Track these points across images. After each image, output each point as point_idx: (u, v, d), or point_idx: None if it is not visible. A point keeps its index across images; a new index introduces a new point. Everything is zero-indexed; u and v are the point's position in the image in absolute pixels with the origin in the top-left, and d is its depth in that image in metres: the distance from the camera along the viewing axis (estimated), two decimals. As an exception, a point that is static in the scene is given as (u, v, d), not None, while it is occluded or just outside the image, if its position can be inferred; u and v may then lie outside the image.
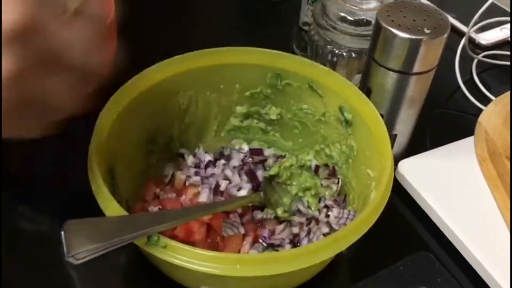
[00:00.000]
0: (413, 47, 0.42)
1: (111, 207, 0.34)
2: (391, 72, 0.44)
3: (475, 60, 0.65)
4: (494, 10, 0.72)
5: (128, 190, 0.43)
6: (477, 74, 0.64)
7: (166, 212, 0.40)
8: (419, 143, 0.53)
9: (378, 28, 0.43)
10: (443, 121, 0.59)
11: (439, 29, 0.42)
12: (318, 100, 0.46)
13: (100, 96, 0.37)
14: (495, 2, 0.71)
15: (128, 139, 0.44)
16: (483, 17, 0.69)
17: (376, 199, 0.36)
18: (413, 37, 0.41)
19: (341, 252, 0.42)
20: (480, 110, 0.54)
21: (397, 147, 0.50)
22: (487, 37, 0.68)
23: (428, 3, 0.44)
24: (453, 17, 0.71)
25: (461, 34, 0.65)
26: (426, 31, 0.41)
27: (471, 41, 0.68)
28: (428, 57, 0.43)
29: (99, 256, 0.30)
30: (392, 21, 0.42)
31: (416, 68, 0.43)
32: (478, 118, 0.53)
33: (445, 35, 0.42)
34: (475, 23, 0.67)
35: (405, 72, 0.44)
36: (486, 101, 0.58)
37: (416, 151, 0.51)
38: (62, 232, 0.28)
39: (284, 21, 0.63)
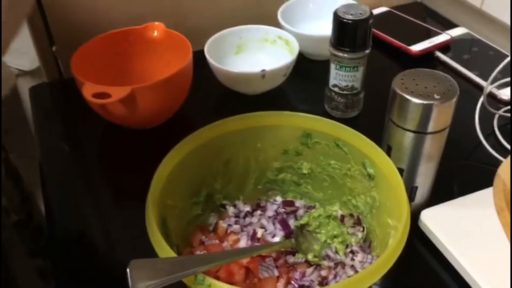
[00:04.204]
0: (426, 111, 0.48)
1: (164, 251, 0.40)
2: (408, 132, 0.50)
3: (497, 115, 0.69)
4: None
5: (178, 237, 0.49)
6: (499, 128, 0.68)
7: (210, 254, 0.46)
8: (443, 194, 0.57)
9: (394, 94, 0.49)
10: (466, 173, 0.63)
11: (448, 95, 0.47)
12: (344, 156, 0.52)
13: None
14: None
15: (177, 193, 0.50)
16: (505, 74, 0.74)
17: (392, 245, 0.41)
18: (425, 102, 0.47)
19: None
20: (501, 162, 0.58)
21: (419, 198, 0.55)
22: (508, 93, 0.73)
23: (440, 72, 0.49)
24: (476, 75, 0.77)
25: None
26: (436, 96, 0.47)
27: (494, 97, 0.73)
28: (440, 119, 0.48)
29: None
30: (406, 88, 0.48)
31: (431, 128, 0.49)
32: (497, 170, 0.57)
33: (454, 99, 0.48)
34: (495, 80, 0.72)
35: (420, 132, 0.49)
36: (507, 153, 0.62)
37: (441, 202, 0.56)
38: (128, 269, 0.35)
39: (322, 79, 0.70)
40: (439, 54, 0.82)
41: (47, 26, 0.75)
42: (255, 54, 0.78)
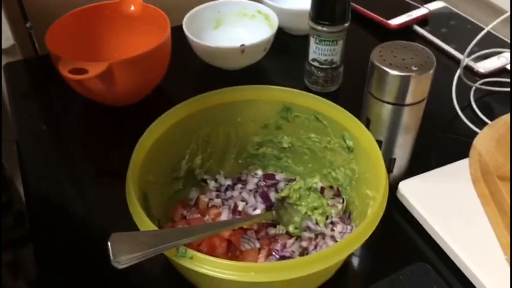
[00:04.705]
0: (403, 83, 0.48)
1: (145, 225, 0.40)
2: (386, 104, 0.50)
3: (473, 88, 0.70)
4: (492, 40, 0.78)
5: (160, 212, 0.50)
6: (475, 100, 0.69)
7: (192, 227, 0.46)
8: (421, 165, 0.58)
9: (372, 66, 0.49)
10: (443, 145, 0.64)
11: (425, 66, 0.48)
12: (323, 129, 0.53)
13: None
14: (492, 31, 0.77)
15: (158, 168, 0.50)
16: (482, 47, 0.75)
17: (371, 215, 0.42)
18: (403, 74, 0.47)
19: (348, 263, 0.48)
20: (477, 134, 0.59)
21: (397, 170, 0.56)
22: (485, 66, 0.74)
23: (417, 44, 0.50)
24: (454, 48, 0.77)
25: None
26: (414, 68, 0.47)
27: (470, 69, 0.74)
28: (417, 90, 0.49)
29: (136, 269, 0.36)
30: (384, 60, 0.48)
31: (408, 100, 0.49)
32: (473, 142, 0.58)
33: (431, 71, 0.48)
34: (472, 53, 0.73)
35: (398, 104, 0.50)
36: (483, 125, 0.63)
37: (418, 173, 0.57)
38: (109, 242, 0.35)
39: (302, 54, 0.70)
40: (417, 27, 0.82)
41: (20, 1, 0.73)
42: (234, 28, 0.77)
